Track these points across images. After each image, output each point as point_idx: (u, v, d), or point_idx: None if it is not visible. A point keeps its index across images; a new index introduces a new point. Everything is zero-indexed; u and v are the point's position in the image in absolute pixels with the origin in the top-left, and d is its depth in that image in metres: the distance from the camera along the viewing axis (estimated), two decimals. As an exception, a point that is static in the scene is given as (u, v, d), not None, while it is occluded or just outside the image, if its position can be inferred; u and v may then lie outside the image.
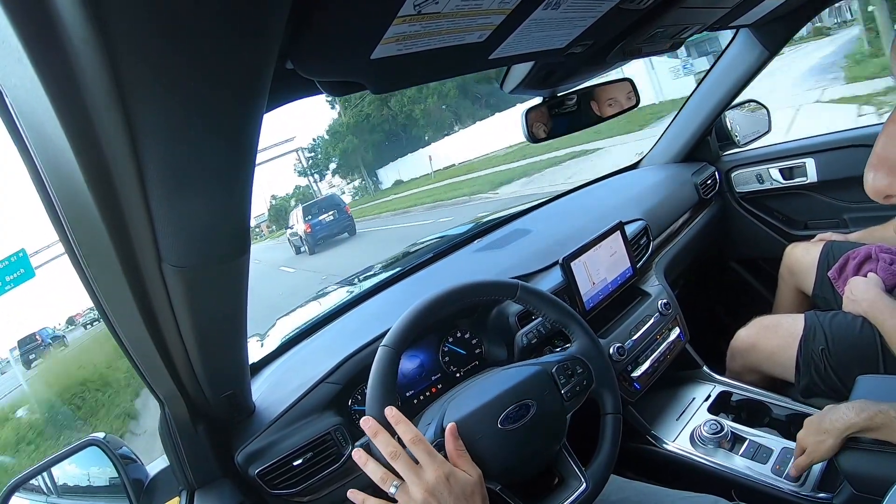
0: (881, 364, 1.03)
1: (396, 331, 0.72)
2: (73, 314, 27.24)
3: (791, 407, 1.13)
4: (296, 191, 36.46)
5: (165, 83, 0.27)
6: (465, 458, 0.64)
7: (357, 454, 0.65)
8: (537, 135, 1.04)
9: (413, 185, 23.32)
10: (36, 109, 0.29)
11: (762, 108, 1.70)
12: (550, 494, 0.72)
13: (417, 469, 0.60)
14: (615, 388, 0.79)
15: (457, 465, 0.62)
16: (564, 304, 0.83)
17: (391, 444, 0.62)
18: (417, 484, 0.59)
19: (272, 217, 35.15)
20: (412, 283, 1.27)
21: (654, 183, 1.64)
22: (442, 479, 0.59)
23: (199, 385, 0.69)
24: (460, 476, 0.61)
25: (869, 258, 1.19)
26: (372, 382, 0.69)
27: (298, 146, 33.91)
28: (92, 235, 0.39)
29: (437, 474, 0.59)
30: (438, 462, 0.61)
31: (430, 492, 0.59)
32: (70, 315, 27.88)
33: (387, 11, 0.40)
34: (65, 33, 0.23)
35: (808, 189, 1.58)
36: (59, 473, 0.80)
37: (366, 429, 0.65)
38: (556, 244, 1.22)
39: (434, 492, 0.59)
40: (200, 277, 0.47)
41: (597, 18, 0.61)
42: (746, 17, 1.09)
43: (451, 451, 0.64)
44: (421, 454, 0.61)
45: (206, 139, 0.33)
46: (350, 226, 13.99)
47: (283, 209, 33.82)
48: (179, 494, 0.81)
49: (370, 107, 26.35)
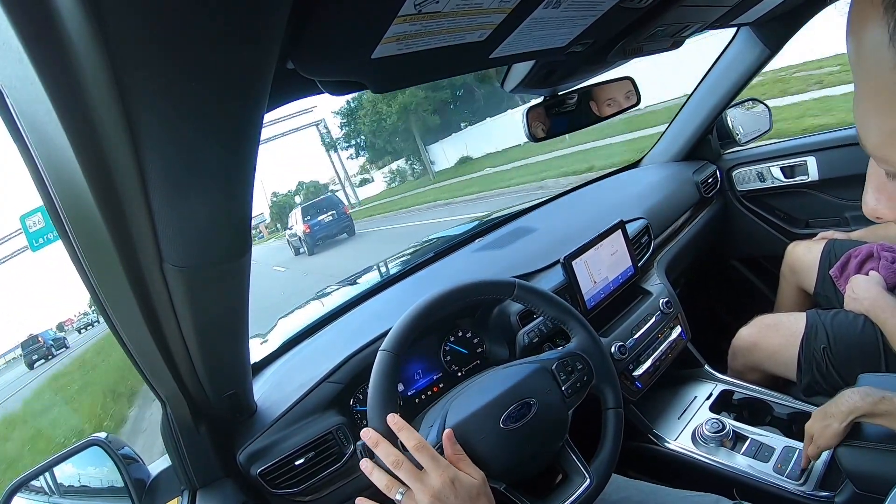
0: (883, 362, 1.03)
1: (395, 334, 0.72)
2: (63, 320, 27.27)
3: (793, 406, 1.12)
4: (303, 187, 35.05)
5: (166, 83, 0.27)
6: (466, 461, 0.64)
7: (364, 464, 0.66)
8: (537, 134, 1.03)
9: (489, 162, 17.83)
10: (37, 110, 0.28)
11: (763, 107, 1.69)
12: (555, 491, 0.73)
13: (422, 475, 0.61)
14: (616, 383, 0.79)
15: (459, 468, 0.63)
16: (562, 301, 0.83)
17: (392, 454, 0.63)
18: (423, 490, 0.59)
19: (275, 215, 34.21)
20: (413, 282, 1.27)
21: (655, 181, 1.64)
22: (447, 483, 0.59)
23: (200, 385, 0.69)
24: (465, 479, 0.61)
25: (871, 256, 1.19)
26: (372, 391, 0.69)
27: (319, 118, 28.20)
28: (93, 236, 0.39)
29: (443, 479, 0.60)
30: (443, 467, 0.61)
31: (436, 496, 0.59)
32: (60, 321, 27.88)
33: (387, 11, 0.40)
34: (65, 33, 0.23)
35: (810, 187, 1.58)
36: (61, 474, 0.80)
37: (366, 440, 0.65)
38: (558, 243, 1.22)
39: (440, 496, 0.59)
40: (202, 277, 0.47)
41: (597, 17, 0.61)
42: (747, 16, 1.09)
43: (451, 456, 0.64)
44: (425, 460, 0.61)
45: (207, 139, 0.33)
46: (349, 226, 14.15)
47: (287, 206, 32.73)
48: (181, 494, 0.81)
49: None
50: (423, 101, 21.65)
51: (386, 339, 0.71)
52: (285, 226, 19.85)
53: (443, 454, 0.65)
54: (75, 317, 26.34)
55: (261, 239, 31.85)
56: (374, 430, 0.66)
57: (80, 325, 24.75)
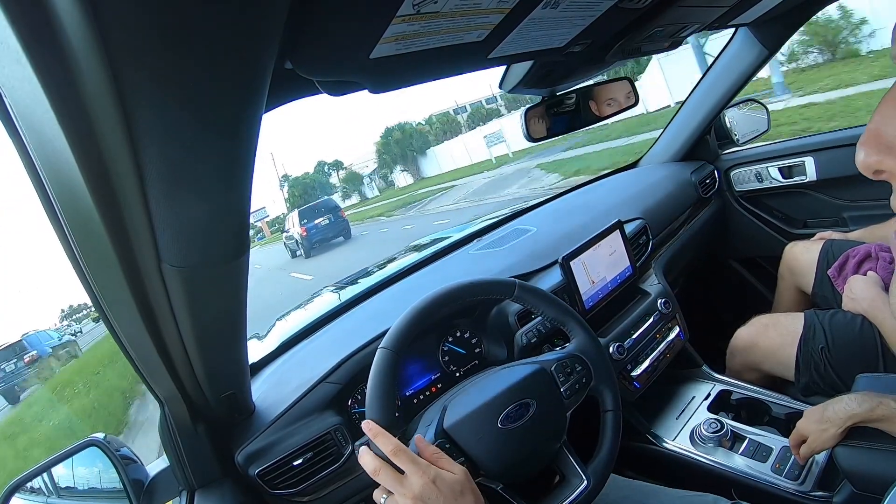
0: (881, 362, 1.03)
1: (395, 332, 0.72)
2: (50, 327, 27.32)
3: (791, 406, 1.13)
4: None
5: (164, 83, 0.27)
6: (445, 459, 0.64)
7: (363, 455, 0.65)
8: (536, 134, 1.04)
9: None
10: (35, 110, 0.28)
11: (761, 107, 1.70)
12: (552, 493, 0.72)
13: (402, 479, 0.60)
14: (615, 385, 0.79)
15: (439, 466, 0.62)
16: (562, 303, 0.83)
17: (371, 464, 0.62)
18: (404, 494, 0.59)
19: (298, 193, 32.88)
20: (412, 282, 1.27)
21: (653, 182, 1.64)
22: (428, 484, 0.59)
23: (198, 385, 0.69)
24: (446, 476, 0.61)
25: (869, 257, 1.19)
26: (371, 386, 0.68)
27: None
28: (91, 236, 0.39)
29: (423, 480, 0.59)
30: (423, 468, 0.60)
31: (419, 498, 0.58)
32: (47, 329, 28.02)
33: (386, 11, 0.40)
34: (63, 34, 0.23)
35: (808, 188, 1.58)
36: (60, 474, 0.80)
37: (366, 431, 0.65)
38: (556, 243, 1.22)
39: (423, 497, 0.58)
40: (200, 278, 0.47)
41: (595, 17, 0.61)
42: (745, 16, 1.09)
43: (429, 456, 0.63)
44: (404, 463, 0.61)
45: (206, 140, 0.33)
46: (345, 229, 14.20)
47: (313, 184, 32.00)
48: (179, 495, 0.81)
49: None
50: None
51: (385, 337, 0.71)
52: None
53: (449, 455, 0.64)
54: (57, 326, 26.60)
55: (261, 241, 30.13)
56: (373, 422, 0.66)
57: (95, 316, 25.20)
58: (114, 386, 8.00)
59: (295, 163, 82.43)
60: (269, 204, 38.74)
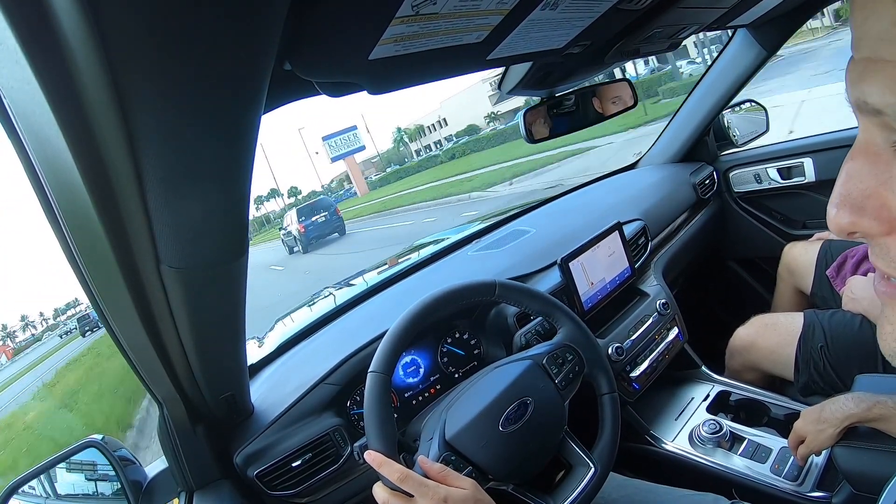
0: (880, 362, 1.03)
1: (382, 354, 0.71)
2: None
3: (789, 406, 1.13)
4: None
5: (163, 85, 0.27)
6: (453, 475, 0.64)
7: (376, 490, 0.65)
8: (537, 134, 1.04)
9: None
10: (34, 111, 0.28)
11: (760, 109, 1.70)
12: (562, 483, 0.73)
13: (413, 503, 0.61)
14: (607, 369, 0.79)
15: (448, 484, 0.62)
16: (545, 294, 0.83)
17: (381, 496, 0.63)
18: None
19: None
20: (410, 283, 1.27)
21: (652, 183, 1.64)
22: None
23: (197, 386, 0.69)
24: (456, 494, 0.61)
25: (867, 257, 1.19)
26: (367, 414, 0.68)
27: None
28: (90, 237, 0.38)
29: (435, 501, 0.59)
30: (432, 489, 0.61)
31: None
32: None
33: (385, 12, 0.40)
34: (62, 34, 0.23)
35: (807, 188, 1.58)
36: (58, 475, 0.80)
37: (370, 462, 0.65)
38: (555, 244, 1.22)
39: None
40: (199, 279, 0.47)
41: (594, 19, 0.61)
42: (744, 17, 1.10)
43: (436, 476, 0.63)
44: (412, 488, 0.61)
45: (205, 141, 0.33)
46: (340, 226, 14.88)
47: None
48: (178, 496, 0.81)
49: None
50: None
51: (374, 359, 0.71)
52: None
53: (448, 465, 0.65)
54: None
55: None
56: (376, 452, 0.65)
57: (61, 333, 27.87)
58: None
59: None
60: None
